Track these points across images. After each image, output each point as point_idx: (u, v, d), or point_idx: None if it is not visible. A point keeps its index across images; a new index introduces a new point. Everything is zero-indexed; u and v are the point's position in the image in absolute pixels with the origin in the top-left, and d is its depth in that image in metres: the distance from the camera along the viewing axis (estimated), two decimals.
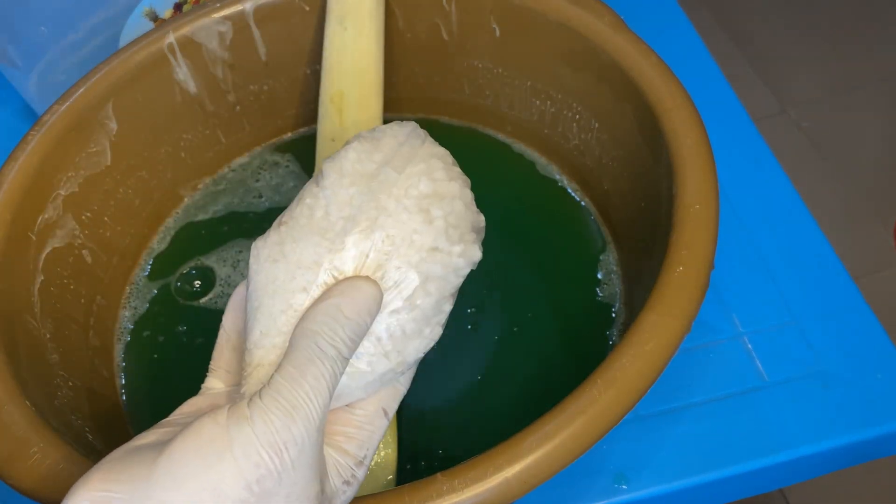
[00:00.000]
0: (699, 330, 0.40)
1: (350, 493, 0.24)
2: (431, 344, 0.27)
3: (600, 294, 0.41)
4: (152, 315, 0.43)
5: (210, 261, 0.45)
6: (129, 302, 0.44)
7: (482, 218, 0.29)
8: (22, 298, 0.36)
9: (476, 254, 0.27)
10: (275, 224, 0.26)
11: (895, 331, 0.44)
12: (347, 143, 0.28)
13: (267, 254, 0.26)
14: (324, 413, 0.22)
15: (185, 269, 0.45)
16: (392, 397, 0.26)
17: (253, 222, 0.46)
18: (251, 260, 0.26)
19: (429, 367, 0.39)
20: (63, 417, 0.33)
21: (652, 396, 0.29)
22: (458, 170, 0.28)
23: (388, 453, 0.34)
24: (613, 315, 0.40)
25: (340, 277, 0.25)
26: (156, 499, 0.19)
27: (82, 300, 0.40)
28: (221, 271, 0.44)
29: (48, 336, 0.36)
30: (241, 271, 0.44)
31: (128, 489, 0.20)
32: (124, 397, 0.40)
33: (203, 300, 0.43)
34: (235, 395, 0.25)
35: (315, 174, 0.27)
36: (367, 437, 0.25)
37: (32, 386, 0.32)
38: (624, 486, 0.36)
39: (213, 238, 0.46)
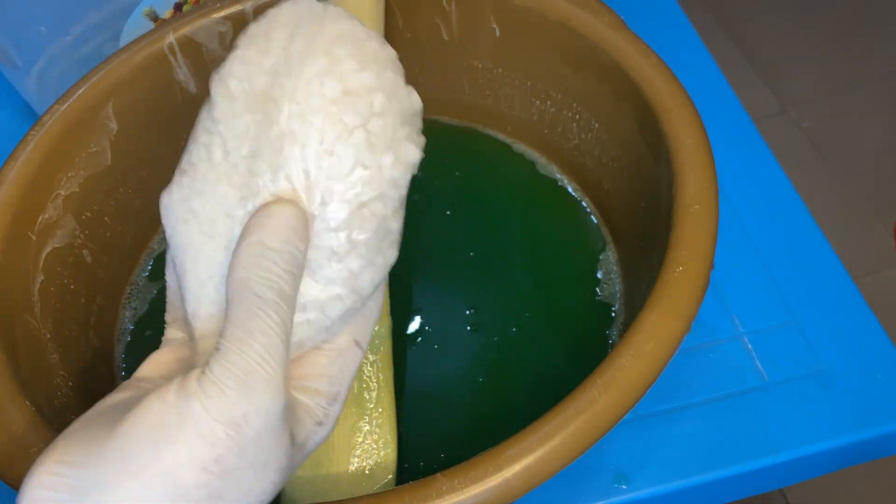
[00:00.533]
0: (699, 330, 0.40)
1: (324, 432, 0.22)
2: (388, 268, 0.23)
3: (600, 294, 0.41)
4: (152, 315, 0.43)
5: None
6: (130, 302, 0.44)
7: (416, 99, 0.24)
8: (22, 298, 0.36)
9: (412, 154, 0.23)
10: (177, 173, 0.23)
11: (895, 331, 0.45)
12: (234, 45, 0.23)
13: (176, 213, 0.23)
14: (283, 368, 0.20)
15: None
16: (363, 326, 0.24)
17: None
18: (163, 219, 0.23)
19: (429, 367, 0.39)
20: (63, 417, 0.33)
21: (652, 396, 0.29)
22: (372, 46, 0.23)
23: (387, 453, 0.34)
24: (613, 315, 0.40)
25: None
26: (109, 488, 0.18)
27: (82, 300, 0.40)
28: None
29: (48, 336, 0.36)
30: None
31: (79, 476, 0.18)
32: None
33: None
34: (196, 348, 0.23)
35: (208, 98, 0.23)
36: (339, 371, 0.23)
37: (32, 386, 0.32)
38: (624, 486, 0.36)
39: None
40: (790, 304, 0.41)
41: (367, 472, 0.33)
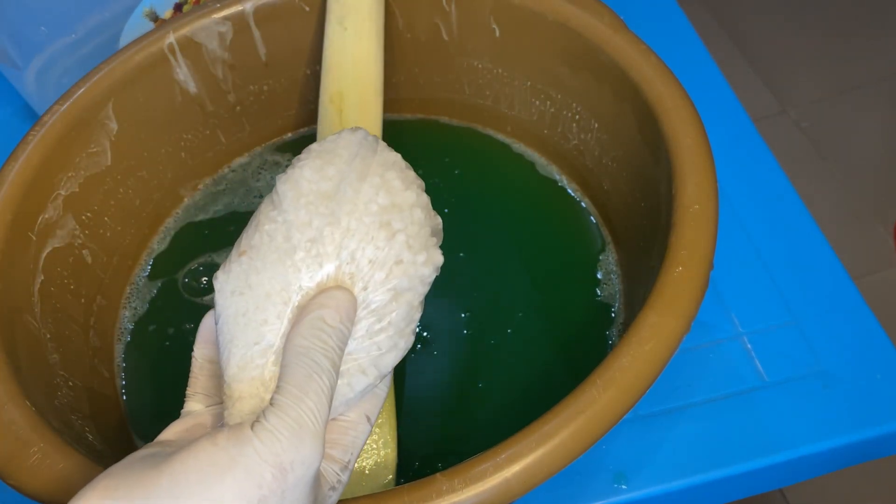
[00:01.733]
0: (699, 330, 0.40)
1: (335, 497, 0.24)
2: (405, 352, 0.27)
3: (600, 294, 0.41)
4: (153, 315, 0.43)
5: (220, 258, 0.45)
6: (130, 302, 0.44)
7: (439, 220, 0.29)
8: (22, 298, 0.36)
9: (438, 258, 0.27)
10: (234, 254, 0.26)
11: (895, 331, 0.45)
12: (298, 158, 0.28)
13: (232, 287, 0.25)
14: (324, 430, 0.22)
15: (193, 266, 0.45)
16: (373, 404, 0.27)
17: None
18: (216, 295, 0.26)
19: (429, 367, 0.39)
20: (63, 417, 0.33)
21: (651, 396, 0.29)
22: (412, 174, 0.28)
23: (387, 453, 0.34)
24: (613, 315, 0.40)
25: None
26: None
27: (82, 300, 0.40)
28: None
29: (48, 336, 0.36)
30: None
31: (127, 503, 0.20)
32: (124, 397, 0.40)
33: (208, 297, 0.43)
34: (220, 418, 0.26)
35: (270, 194, 0.27)
36: (351, 441, 0.25)
37: (32, 386, 0.32)
38: (623, 486, 0.36)
39: (214, 238, 0.46)
40: (790, 304, 0.41)
41: (367, 471, 0.33)
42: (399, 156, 0.29)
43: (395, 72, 0.48)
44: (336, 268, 0.25)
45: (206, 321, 0.28)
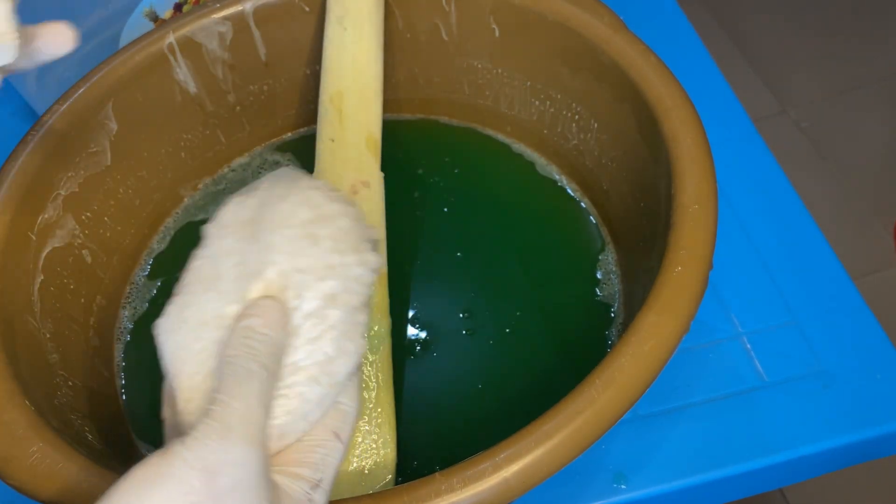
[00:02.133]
0: (698, 330, 0.40)
1: None
2: (358, 357, 0.26)
3: (599, 294, 0.41)
4: (152, 315, 0.43)
5: None
6: (129, 302, 0.44)
7: (375, 231, 0.29)
8: (22, 298, 0.36)
9: (373, 259, 0.27)
10: (169, 302, 0.26)
11: (895, 331, 0.45)
12: (222, 204, 0.28)
13: (168, 327, 0.26)
14: (261, 433, 0.22)
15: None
16: (340, 419, 0.26)
17: None
18: (157, 341, 0.26)
19: (428, 367, 0.39)
20: (63, 417, 0.33)
21: (651, 396, 0.29)
22: (338, 194, 0.28)
23: (387, 453, 0.34)
24: (612, 315, 0.40)
25: None
26: None
27: (82, 300, 0.40)
28: None
29: (48, 336, 0.36)
30: None
31: None
32: (124, 397, 0.40)
33: None
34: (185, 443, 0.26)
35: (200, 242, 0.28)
36: (321, 459, 0.25)
37: (32, 386, 0.32)
38: (623, 486, 0.36)
39: None
40: (789, 304, 0.41)
41: (366, 471, 0.33)
42: (325, 183, 0.28)
43: (395, 72, 0.48)
44: (264, 284, 0.25)
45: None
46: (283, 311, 0.25)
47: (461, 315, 0.41)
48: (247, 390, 0.22)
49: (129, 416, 0.40)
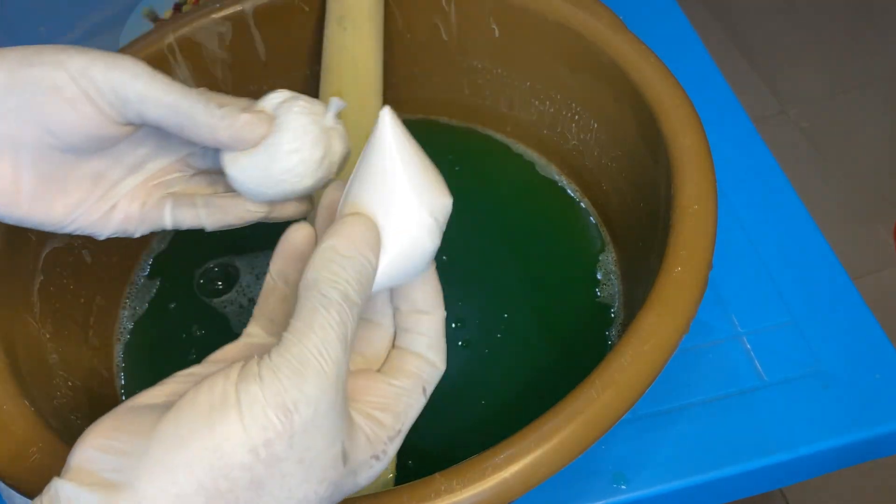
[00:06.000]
0: (698, 330, 0.40)
1: (378, 468, 0.23)
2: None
3: (599, 294, 0.41)
4: (152, 315, 0.43)
5: (227, 259, 0.45)
6: (129, 302, 0.44)
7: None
8: (22, 298, 0.36)
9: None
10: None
11: (894, 331, 0.44)
12: None
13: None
14: (340, 368, 0.20)
15: (209, 265, 0.45)
16: (431, 375, 0.25)
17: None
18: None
19: None
20: (63, 417, 0.33)
21: (651, 396, 0.29)
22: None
23: None
24: (612, 315, 0.40)
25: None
26: (154, 456, 0.18)
27: (82, 300, 0.40)
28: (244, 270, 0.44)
29: (48, 336, 0.36)
30: (257, 272, 0.44)
31: (129, 441, 0.19)
32: (124, 397, 0.40)
33: (217, 300, 0.43)
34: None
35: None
36: (404, 409, 0.24)
37: (32, 386, 0.32)
38: (623, 486, 0.36)
39: (214, 238, 0.46)
40: (789, 304, 0.41)
41: None
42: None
43: (395, 72, 0.48)
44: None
45: (289, 235, 0.25)
46: (375, 232, 0.23)
47: (460, 315, 0.41)
48: (323, 321, 0.20)
49: None
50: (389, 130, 0.23)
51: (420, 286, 0.26)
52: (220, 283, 0.44)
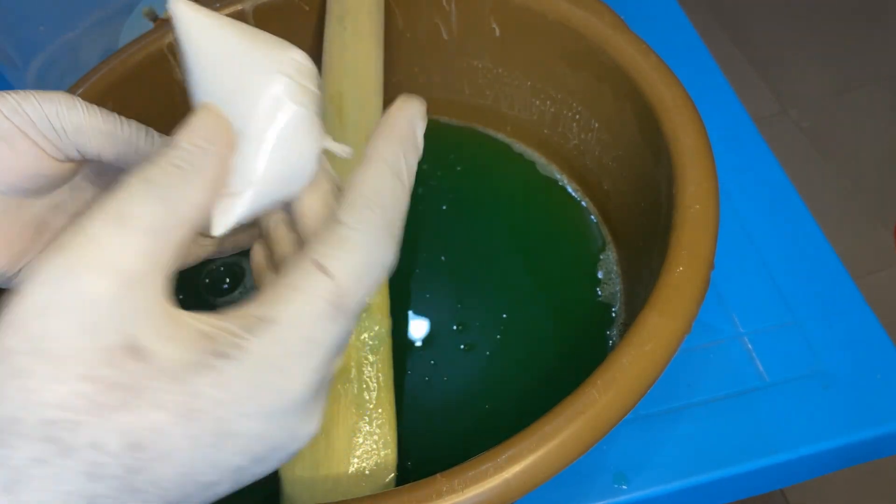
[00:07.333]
0: (699, 330, 0.40)
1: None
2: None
3: (600, 294, 0.41)
4: None
5: (231, 259, 0.45)
6: None
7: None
8: None
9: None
10: None
11: (895, 331, 0.44)
12: None
13: None
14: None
15: (214, 266, 0.44)
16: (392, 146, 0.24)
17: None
18: None
19: (428, 367, 0.39)
20: None
21: (652, 396, 0.29)
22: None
23: (387, 454, 0.34)
24: (613, 315, 0.40)
25: None
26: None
27: None
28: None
29: None
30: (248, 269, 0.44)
31: None
32: None
33: (222, 299, 0.43)
34: None
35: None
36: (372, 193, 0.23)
37: None
38: (624, 486, 0.36)
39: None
40: (790, 304, 0.41)
41: (367, 472, 0.33)
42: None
43: (395, 72, 0.48)
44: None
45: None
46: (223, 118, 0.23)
47: (461, 315, 0.41)
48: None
49: None
50: (185, 17, 0.22)
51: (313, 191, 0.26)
52: (225, 282, 0.44)
